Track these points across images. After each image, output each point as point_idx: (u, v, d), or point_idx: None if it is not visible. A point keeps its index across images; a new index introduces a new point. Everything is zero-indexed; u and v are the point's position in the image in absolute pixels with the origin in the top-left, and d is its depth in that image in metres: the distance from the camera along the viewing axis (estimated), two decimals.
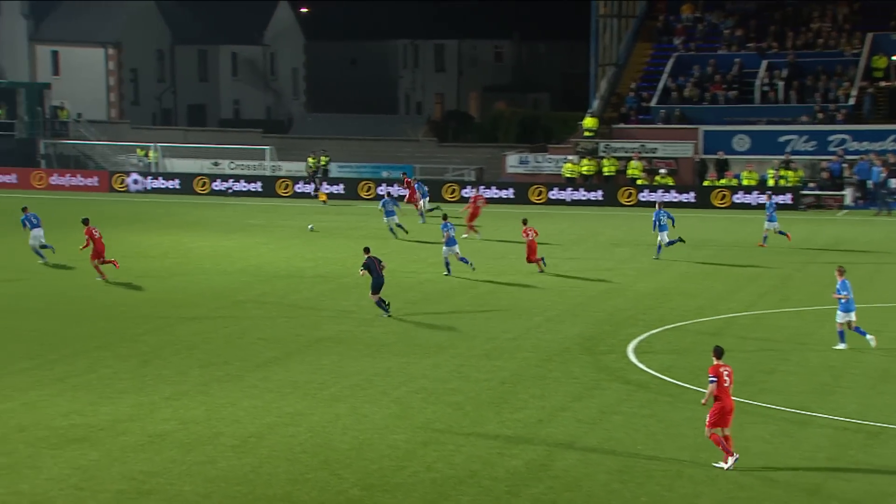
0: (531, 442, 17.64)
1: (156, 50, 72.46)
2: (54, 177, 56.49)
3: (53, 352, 23.00)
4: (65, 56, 68.42)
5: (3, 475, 15.80)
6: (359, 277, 27.93)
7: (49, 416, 18.54)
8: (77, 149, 60.66)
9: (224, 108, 77.29)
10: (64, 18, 68.92)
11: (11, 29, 67.69)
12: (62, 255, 34.93)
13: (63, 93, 64.26)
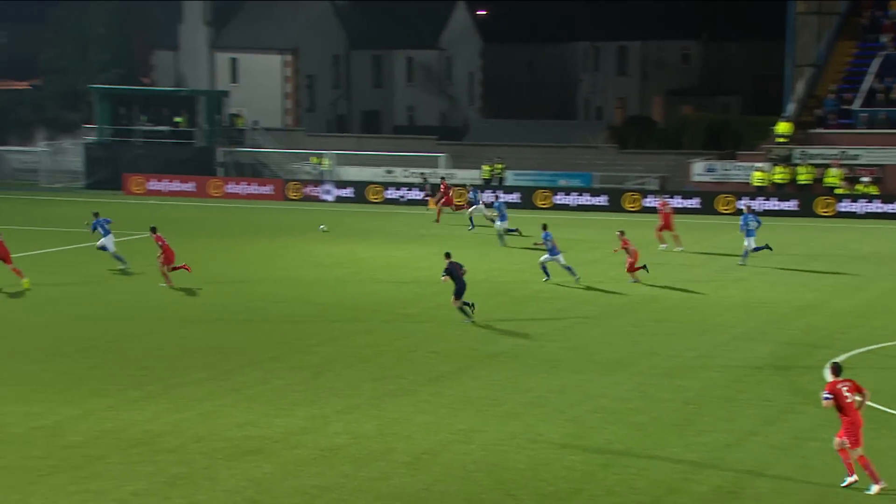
0: (718, 467, 17.30)
1: (332, 56, 74.25)
2: (230, 185, 58.51)
3: (228, 362, 23.83)
4: (243, 63, 70.82)
5: (181, 485, 16.48)
6: (534, 290, 27.98)
7: (224, 427, 19.22)
8: (253, 157, 62.70)
9: (398, 115, 78.54)
10: (243, 25, 71.33)
11: (193, 36, 70.43)
12: (233, 265, 36.17)
13: (241, 100, 66.44)
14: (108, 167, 60.32)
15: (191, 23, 70.56)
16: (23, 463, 17.19)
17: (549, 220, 37.88)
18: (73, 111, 66.77)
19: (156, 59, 73.36)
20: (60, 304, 29.69)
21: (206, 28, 70.43)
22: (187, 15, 70.52)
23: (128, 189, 58.23)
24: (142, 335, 26.21)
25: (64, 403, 20.37)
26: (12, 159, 64.87)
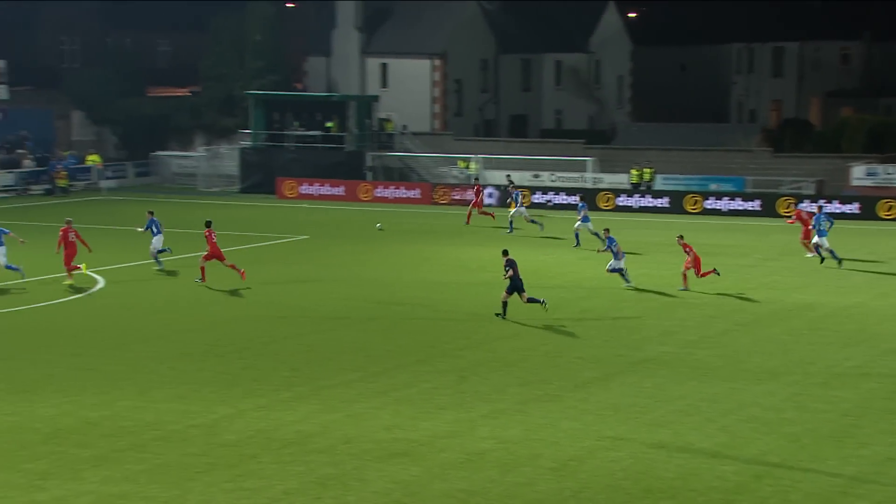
0: (879, 482, 16.78)
1: (480, 60, 74.54)
2: (379, 189, 59.37)
3: (376, 364, 24.18)
4: (393, 68, 71.68)
5: (332, 486, 16.80)
6: (682, 296, 27.57)
7: (373, 429, 19.52)
8: (401, 161, 63.44)
9: (546, 119, 78.39)
10: (393, 30, 72.19)
11: (345, 42, 71.59)
12: (381, 268, 36.66)
13: (390, 105, 67.32)
14: (261, 171, 61.82)
15: (343, 29, 71.73)
16: (181, 460, 17.77)
17: (700, 225, 37.33)
18: (229, 117, 68.66)
19: (309, 65, 74.85)
20: (216, 305, 30.58)
21: (357, 34, 71.51)
22: (340, 21, 71.71)
23: (280, 193, 59.58)
24: (294, 336, 26.79)
25: (219, 403, 20.98)
26: (172, 164, 67.09)
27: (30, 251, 35.86)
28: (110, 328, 27.38)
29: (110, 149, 69.38)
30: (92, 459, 17.62)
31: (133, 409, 20.38)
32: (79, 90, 69.23)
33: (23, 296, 31.18)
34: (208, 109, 69.63)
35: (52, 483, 16.58)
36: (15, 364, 23.63)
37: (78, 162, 62.73)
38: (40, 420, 19.64)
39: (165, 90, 76.55)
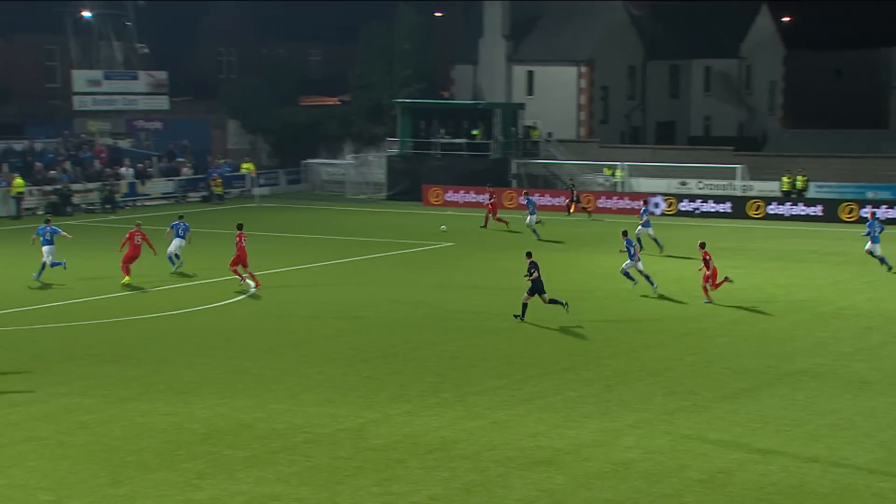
0: None
1: (627, 66, 73.92)
2: (522, 197, 59.24)
3: (521, 372, 24.20)
4: (539, 76, 71.62)
5: (477, 492, 16.89)
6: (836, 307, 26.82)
7: (517, 437, 19.55)
8: (546, 168, 63.32)
9: (694, 125, 77.19)
10: (540, 38, 72.12)
11: (492, 50, 71.85)
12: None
13: (535, 112, 67.23)
14: (408, 179, 62.51)
15: (490, 37, 72.01)
16: (330, 463, 18.11)
17: (854, 234, 36.29)
18: (377, 125, 69.62)
19: (456, 73, 75.37)
20: (362, 310, 31.01)
21: (504, 42, 71.69)
22: (487, 29, 72.03)
23: (426, 200, 60.11)
24: (438, 343, 27.01)
25: (366, 407, 21.30)
26: (322, 171, 68.37)
27: (189, 256, 37.04)
28: (261, 332, 28.06)
29: (263, 157, 71.12)
30: (245, 460, 18.10)
31: (284, 412, 20.85)
32: (234, 100, 71.20)
33: (178, 299, 32.18)
34: (357, 118, 70.73)
35: (208, 482, 17.08)
36: (173, 366, 24.43)
37: (232, 170, 64.49)
38: (197, 421, 20.25)
39: (316, 99, 78.12)
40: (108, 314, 29.87)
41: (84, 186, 56.62)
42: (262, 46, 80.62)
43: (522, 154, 64.13)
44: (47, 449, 18.53)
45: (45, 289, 33.64)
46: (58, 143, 60.89)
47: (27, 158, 57.56)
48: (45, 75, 71.00)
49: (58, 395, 21.84)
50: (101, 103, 63.57)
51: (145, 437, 19.24)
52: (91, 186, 56.91)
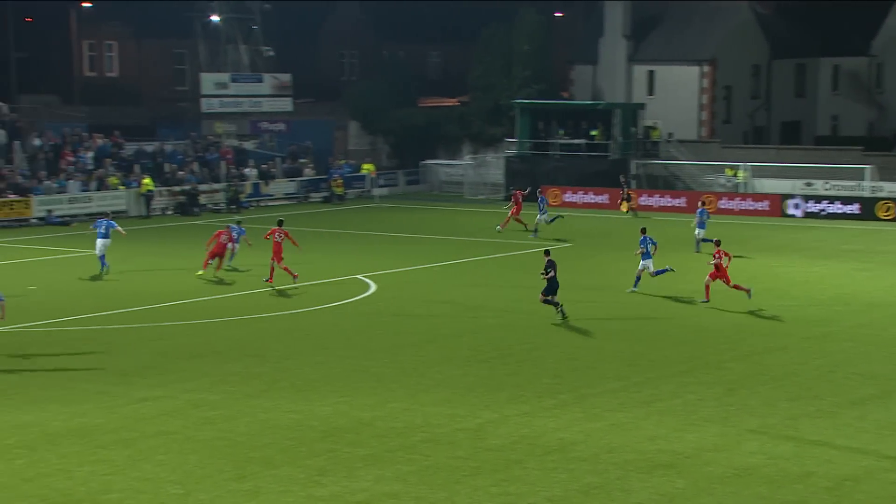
0: None
1: (751, 65, 72.55)
2: (643, 197, 58.74)
3: (639, 374, 23.97)
4: (660, 75, 70.72)
5: (595, 495, 16.79)
6: None
7: (636, 440, 19.37)
8: (666, 169, 62.58)
9: (821, 125, 75.40)
10: (662, 37, 71.25)
11: (613, 50, 71.25)
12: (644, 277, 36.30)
13: (656, 113, 66.44)
14: (526, 179, 62.30)
15: (611, 37, 71.42)
16: (449, 462, 18.19)
17: None
18: (496, 126, 69.63)
19: (575, 73, 74.93)
20: (480, 311, 31.05)
21: (625, 41, 71.05)
22: (608, 29, 71.48)
23: None
24: (556, 344, 26.92)
25: (484, 407, 21.34)
26: (441, 172, 68.73)
27: (309, 256, 37.60)
28: (380, 332, 28.31)
29: (383, 158, 71.77)
30: (365, 458, 18.29)
31: (403, 411, 21.01)
32: (356, 101, 72.01)
33: (298, 299, 32.68)
34: (476, 119, 70.85)
35: (329, 479, 17.31)
36: (295, 363, 24.82)
37: (353, 170, 65.27)
38: (318, 418, 20.54)
39: (436, 100, 78.54)
40: (231, 313, 30.49)
41: (210, 187, 57.93)
42: (383, 48, 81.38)
43: (642, 154, 63.48)
44: (175, 443, 19.01)
45: (171, 287, 34.45)
46: (186, 145, 62.42)
47: (157, 160, 59.14)
48: (175, 78, 72.93)
49: (185, 391, 22.38)
50: (227, 105, 64.95)
51: (269, 433, 19.59)
52: (217, 187, 58.19)
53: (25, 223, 50.01)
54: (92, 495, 16.50)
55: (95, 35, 75.04)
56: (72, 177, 53.56)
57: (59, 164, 54.70)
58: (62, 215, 51.06)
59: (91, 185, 53.87)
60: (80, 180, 53.63)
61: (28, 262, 38.78)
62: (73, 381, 23.03)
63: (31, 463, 17.89)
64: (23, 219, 50.31)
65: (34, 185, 52.03)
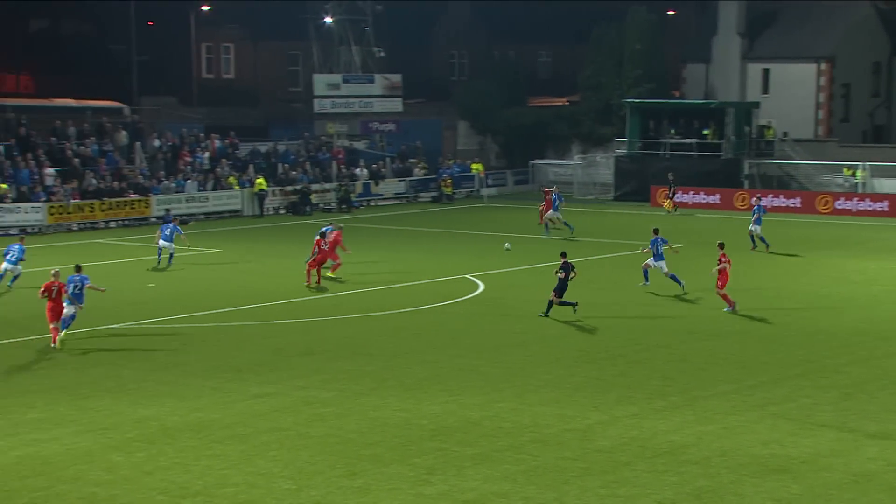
0: None
1: (872, 62, 70.68)
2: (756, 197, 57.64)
3: (752, 377, 23.53)
4: (775, 73, 69.32)
5: (707, 498, 16.52)
6: None
7: (749, 443, 19.01)
8: (781, 169, 61.38)
9: None
10: (778, 35, 69.85)
11: (726, 48, 70.09)
12: (758, 279, 35.62)
13: (770, 111, 65.20)
14: (636, 179, 61.79)
15: (724, 35, 70.26)
16: (557, 463, 18.09)
17: None
18: (605, 125, 69.13)
19: (687, 72, 73.93)
20: (587, 310, 30.77)
21: (739, 39, 69.83)
22: (722, 27, 70.34)
23: (654, 201, 59.25)
24: (665, 346, 26.59)
25: (593, 408, 21.18)
26: (549, 171, 68.46)
27: (414, 255, 37.74)
28: (487, 331, 28.30)
29: (492, 157, 71.79)
30: (473, 457, 18.29)
31: (511, 411, 20.96)
32: (465, 101, 72.17)
33: (406, 298, 32.85)
34: (585, 118, 70.44)
35: (438, 478, 17.35)
36: (404, 362, 24.96)
37: (462, 170, 65.41)
38: (426, 417, 20.62)
39: (545, 100, 78.28)
40: (341, 311, 30.81)
41: (322, 186, 58.63)
42: (494, 48, 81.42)
43: (756, 154, 62.38)
44: (288, 439, 19.26)
45: (282, 286, 34.92)
46: (299, 145, 63.30)
47: (271, 159, 60.09)
48: (289, 79, 74.03)
49: (297, 388, 22.67)
50: (339, 106, 65.66)
51: (378, 431, 19.73)
52: (328, 186, 58.87)
53: (145, 222, 51.24)
54: (208, 489, 16.82)
55: (213, 38, 76.58)
56: (189, 177, 54.73)
57: (177, 164, 55.95)
58: (180, 214, 52.19)
59: (207, 185, 54.97)
60: (197, 180, 54.77)
61: (147, 260, 39.70)
62: (189, 377, 23.51)
63: (151, 457, 18.31)
64: (143, 217, 51.57)
65: (153, 184, 53.30)
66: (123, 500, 16.30)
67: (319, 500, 16.39)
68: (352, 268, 36.79)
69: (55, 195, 49.66)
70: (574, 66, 74.81)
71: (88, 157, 53.65)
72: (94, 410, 20.92)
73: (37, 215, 48.39)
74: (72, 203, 49.50)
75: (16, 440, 19.09)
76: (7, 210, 47.71)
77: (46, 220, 48.49)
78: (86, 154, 53.76)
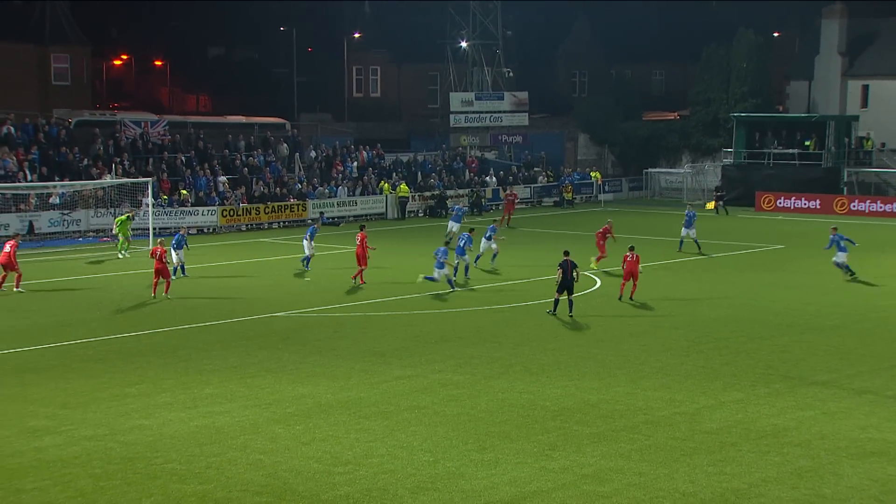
0: None
1: None
2: (854, 203, 56.05)
3: (851, 367, 22.81)
4: (874, 89, 67.04)
5: (808, 477, 16.09)
6: None
7: (847, 428, 18.43)
8: (878, 176, 59.36)
9: None
10: (877, 53, 67.60)
11: (827, 66, 68.08)
12: (860, 277, 34.50)
13: (869, 124, 63.18)
14: (741, 186, 60.57)
15: (826, 54, 68.19)
16: (668, 443, 17.82)
17: None
18: (713, 137, 67.89)
19: (790, 88, 72.05)
20: (698, 304, 30.26)
21: (840, 58, 67.70)
22: (824, 47, 68.29)
23: (758, 206, 57.99)
24: (768, 338, 25.94)
25: (701, 394, 20.79)
26: (661, 179, 67.55)
27: (535, 254, 37.59)
28: (604, 323, 28.01)
29: (609, 166, 71.15)
30: (591, 436, 18.14)
31: (625, 395, 20.73)
32: (585, 116, 71.70)
33: (531, 292, 32.75)
34: (695, 131, 69.30)
35: (559, 454, 17.27)
36: (529, 349, 24.90)
37: (581, 178, 64.98)
38: (548, 399, 20.53)
39: (658, 114, 77.23)
40: (472, 304, 30.89)
41: (456, 192, 58.89)
42: (611, 68, 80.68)
43: (854, 163, 60.44)
44: (425, 417, 19.40)
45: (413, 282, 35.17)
46: (436, 155, 63.70)
47: (412, 168, 60.63)
48: (428, 97, 74.63)
49: (433, 371, 22.81)
50: (472, 120, 65.91)
51: (506, 410, 19.72)
52: (462, 192, 59.10)
53: (303, 223, 52.23)
54: (357, 458, 17.06)
55: (362, 61, 77.70)
56: (340, 184, 55.59)
57: (330, 172, 56.89)
58: (332, 216, 53.11)
59: (356, 191, 55.79)
60: (348, 186, 55.62)
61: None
62: (340, 360, 23.88)
63: (307, 429, 18.66)
64: (301, 219, 52.61)
65: (310, 190, 54.30)
66: (284, 467, 16.66)
67: (454, 471, 16.48)
68: (485, 270, 36.87)
69: (227, 200, 51.03)
70: (685, 83, 73.64)
71: (255, 167, 54.95)
72: (259, 388, 21.42)
73: (211, 217, 49.80)
74: (241, 207, 50.82)
75: (194, 412, 19.67)
76: (187, 213, 49.22)
77: (219, 222, 49.86)
78: (253, 164, 55.08)
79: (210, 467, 16.57)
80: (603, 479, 16.00)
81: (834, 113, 65.61)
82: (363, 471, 16.46)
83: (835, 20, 67.35)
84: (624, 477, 16.13)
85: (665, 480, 15.92)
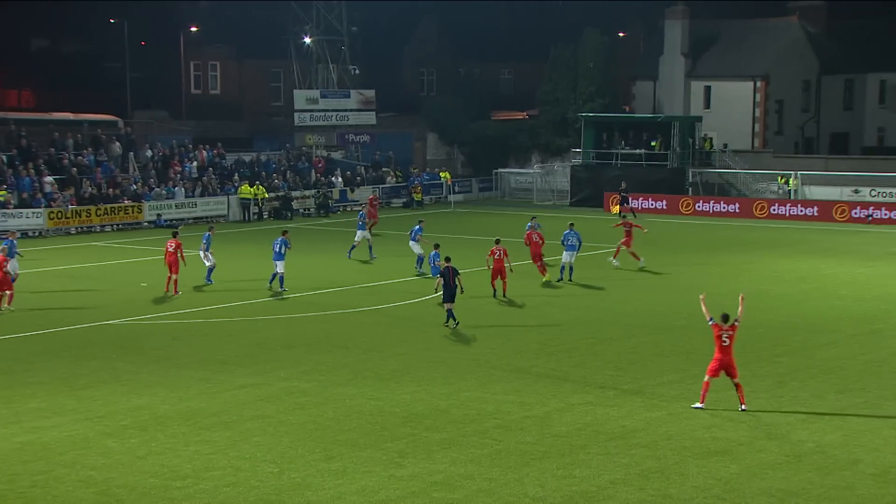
0: None
1: (802, 81, 71.35)
2: (699, 203, 58.19)
3: (696, 367, 23.53)
4: (716, 90, 69.83)
5: (654, 478, 16.62)
6: None
7: (692, 428, 19.14)
8: (721, 177, 61.84)
9: (867, 136, 73.96)
10: (718, 55, 70.36)
11: (672, 67, 70.48)
12: (700, 277, 35.79)
13: (712, 125, 65.72)
14: (590, 186, 62.12)
15: (670, 54, 70.68)
16: (518, 447, 18.12)
17: None
18: (562, 137, 69.37)
19: (636, 88, 74.31)
20: (547, 308, 30.91)
21: (683, 59, 70.28)
22: (667, 48, 70.76)
23: (607, 207, 59.56)
24: (618, 339, 26.70)
25: (551, 396, 21.23)
26: (511, 179, 68.66)
27: (388, 258, 37.62)
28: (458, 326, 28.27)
29: (458, 166, 71.87)
30: (441, 442, 18.30)
31: (476, 400, 20.98)
32: (434, 115, 72.22)
33: (381, 295, 32.81)
34: (544, 130, 70.67)
35: (408, 461, 17.35)
36: (378, 355, 24.93)
37: (430, 178, 65.44)
38: (398, 405, 20.60)
39: (507, 114, 78.46)
40: (319, 308, 30.72)
41: (302, 193, 58.45)
42: (460, 67, 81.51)
43: (699, 163, 62.79)
44: (270, 426, 19.19)
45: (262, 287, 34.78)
46: (280, 155, 63.06)
47: (254, 169, 59.83)
48: (271, 95, 73.79)
49: (278, 378, 22.59)
50: (317, 119, 65.52)
51: (354, 418, 19.69)
52: (308, 193, 58.69)
53: (138, 226, 50.92)
54: (197, 472, 16.73)
55: (201, 57, 76.19)
56: (178, 184, 54.40)
57: (167, 173, 55.59)
58: (170, 219, 51.89)
59: (196, 192, 54.68)
60: (186, 187, 54.47)
61: (140, 262, 39.45)
62: (179, 369, 23.38)
63: (144, 442, 18.19)
64: (136, 222, 51.24)
65: (145, 192, 52.94)
66: (118, 483, 16.19)
67: (300, 482, 16.35)
68: (328, 267, 36.68)
69: (54, 201, 49.24)
70: (533, 82, 74.98)
71: (85, 167, 53.22)
72: (90, 400, 20.77)
73: (37, 220, 47.97)
74: (70, 208, 49.12)
75: (18, 427, 18.92)
76: (9, 215, 47.25)
77: (46, 225, 48.07)
78: (82, 164, 53.33)
79: (35, 486, 15.97)
80: (453, 485, 16.15)
81: (679, 114, 68.00)
82: (203, 485, 16.15)
83: (677, 21, 69.90)
84: (474, 483, 16.32)
85: (515, 485, 16.19)
